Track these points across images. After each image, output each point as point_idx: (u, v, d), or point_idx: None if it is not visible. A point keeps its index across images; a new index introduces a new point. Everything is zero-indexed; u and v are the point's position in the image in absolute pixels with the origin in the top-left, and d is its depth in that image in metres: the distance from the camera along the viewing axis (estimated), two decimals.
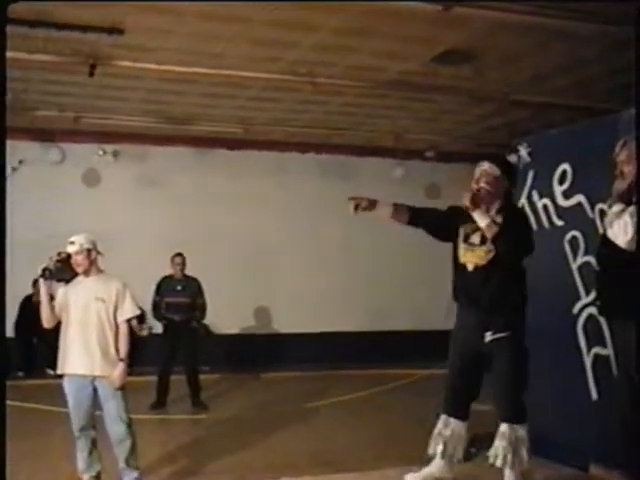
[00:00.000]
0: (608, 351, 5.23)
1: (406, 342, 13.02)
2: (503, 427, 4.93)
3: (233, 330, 12.86)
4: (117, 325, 5.44)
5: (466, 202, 4.90)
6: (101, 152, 12.35)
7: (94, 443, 5.48)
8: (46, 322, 5.47)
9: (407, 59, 8.83)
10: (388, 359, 12.39)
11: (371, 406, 9.37)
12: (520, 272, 5.07)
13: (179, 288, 9.36)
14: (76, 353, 5.35)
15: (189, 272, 9.53)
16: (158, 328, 9.82)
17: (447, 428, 5.19)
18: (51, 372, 11.66)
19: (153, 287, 9.47)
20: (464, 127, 12.45)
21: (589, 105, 9.95)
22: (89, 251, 5.45)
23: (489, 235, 4.85)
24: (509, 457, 4.87)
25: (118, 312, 5.44)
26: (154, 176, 12.72)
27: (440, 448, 5.17)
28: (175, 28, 7.77)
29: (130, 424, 5.44)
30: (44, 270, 5.28)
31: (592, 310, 5.40)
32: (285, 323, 13.25)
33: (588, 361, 5.58)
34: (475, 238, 5.04)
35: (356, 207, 5.03)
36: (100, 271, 5.55)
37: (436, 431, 5.22)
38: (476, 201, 4.90)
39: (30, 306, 11.75)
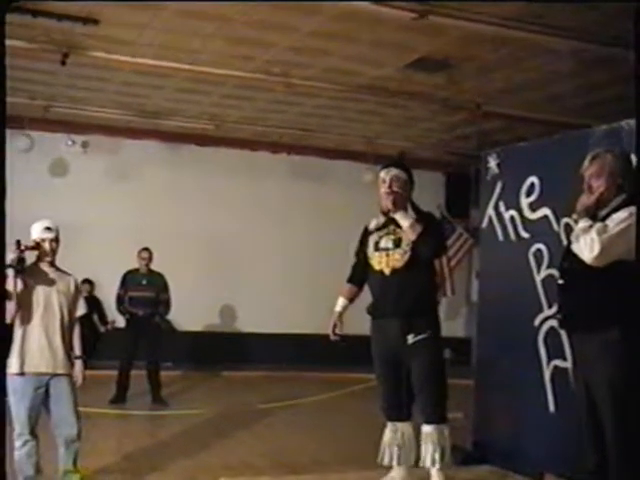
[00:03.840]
0: (567, 364, 5.28)
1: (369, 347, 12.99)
2: (428, 428, 4.96)
3: (196, 327, 12.79)
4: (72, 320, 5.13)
5: (388, 205, 4.93)
6: (70, 142, 12.18)
7: (37, 447, 4.98)
8: (11, 317, 4.82)
9: (382, 65, 8.88)
10: (351, 362, 12.37)
11: (331, 409, 9.38)
12: (434, 272, 5.19)
13: (144, 282, 9.30)
14: (39, 349, 4.92)
15: (155, 267, 9.49)
16: (121, 322, 9.80)
17: (397, 433, 5.20)
18: None
19: (118, 280, 9.42)
20: (435, 135, 12.52)
21: (560, 120, 10.05)
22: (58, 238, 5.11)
23: (413, 236, 4.86)
24: (437, 457, 4.89)
25: (76, 307, 5.16)
26: (123, 169, 12.61)
27: (396, 455, 5.18)
28: (152, 22, 7.73)
29: (80, 425, 5.06)
30: (19, 261, 4.70)
31: (553, 323, 5.44)
32: (249, 322, 13.20)
33: (547, 373, 5.62)
34: (387, 243, 5.04)
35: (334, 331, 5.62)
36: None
37: (387, 440, 5.24)
38: (397, 203, 4.92)
39: None
